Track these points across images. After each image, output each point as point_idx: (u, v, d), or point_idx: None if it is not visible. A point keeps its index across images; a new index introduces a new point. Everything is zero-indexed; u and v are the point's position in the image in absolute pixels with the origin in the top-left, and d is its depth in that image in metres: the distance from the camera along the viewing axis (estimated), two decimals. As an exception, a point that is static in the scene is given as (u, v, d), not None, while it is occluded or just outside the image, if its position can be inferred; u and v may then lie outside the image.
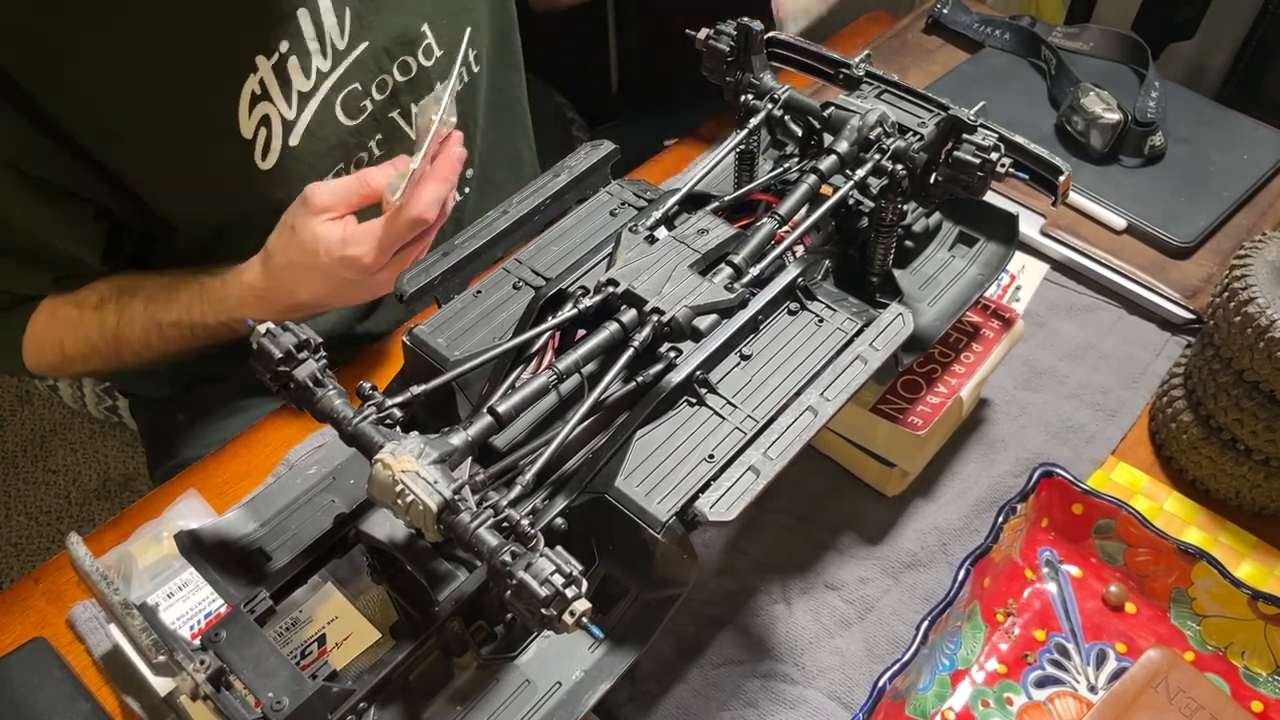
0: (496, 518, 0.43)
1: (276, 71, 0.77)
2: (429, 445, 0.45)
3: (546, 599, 0.40)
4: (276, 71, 0.77)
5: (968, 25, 1.16)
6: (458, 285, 0.62)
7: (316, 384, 0.47)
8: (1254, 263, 0.70)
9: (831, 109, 0.62)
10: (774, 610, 0.69)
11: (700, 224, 0.58)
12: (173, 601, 0.68)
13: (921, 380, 0.71)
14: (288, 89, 0.78)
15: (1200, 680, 0.63)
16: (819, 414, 0.53)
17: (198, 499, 0.75)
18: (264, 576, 0.52)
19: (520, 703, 0.51)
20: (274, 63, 0.76)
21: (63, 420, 1.86)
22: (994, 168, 0.57)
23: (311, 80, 0.79)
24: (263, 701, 0.45)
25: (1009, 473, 0.77)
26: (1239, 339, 0.69)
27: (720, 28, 0.66)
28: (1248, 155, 1.00)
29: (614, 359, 0.51)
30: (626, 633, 0.53)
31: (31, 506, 1.75)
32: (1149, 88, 1.01)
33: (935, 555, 0.72)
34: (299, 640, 0.63)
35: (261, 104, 0.77)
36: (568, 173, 0.66)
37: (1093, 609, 0.69)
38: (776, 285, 0.57)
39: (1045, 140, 1.00)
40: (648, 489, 0.50)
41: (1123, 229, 0.93)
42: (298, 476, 0.57)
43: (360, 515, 0.53)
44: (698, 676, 0.66)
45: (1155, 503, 0.76)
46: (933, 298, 0.66)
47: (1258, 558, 0.72)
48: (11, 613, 0.70)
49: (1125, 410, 0.82)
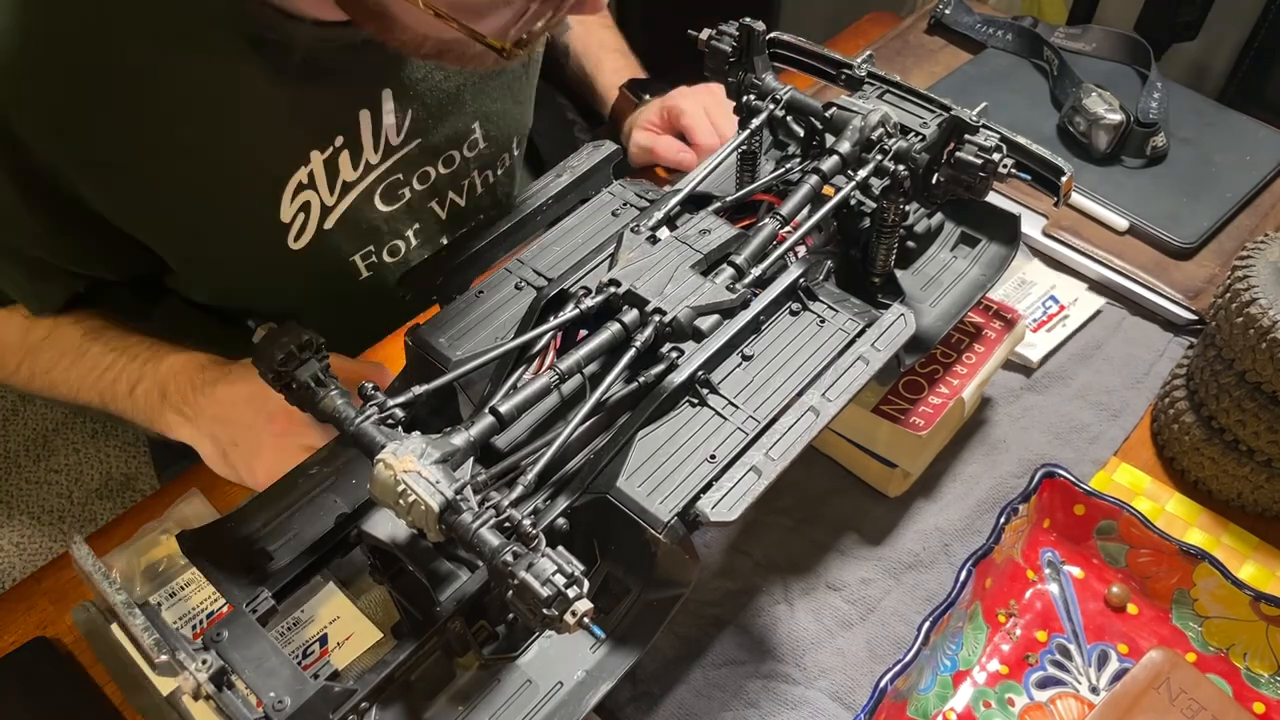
0: (498, 518, 0.43)
1: (327, 165, 0.77)
2: (431, 445, 0.45)
3: (548, 599, 0.40)
4: (327, 165, 0.77)
5: (970, 26, 1.16)
6: (460, 285, 0.62)
7: (318, 384, 0.47)
8: (1256, 264, 0.70)
9: (833, 109, 0.62)
10: (776, 611, 0.69)
11: (702, 224, 0.58)
12: (175, 601, 0.69)
13: (923, 381, 0.71)
14: (334, 179, 0.78)
15: (1202, 681, 0.63)
16: (821, 414, 0.53)
17: (200, 499, 0.75)
18: (266, 576, 0.52)
19: (522, 703, 0.51)
20: (326, 157, 0.76)
21: (65, 420, 1.87)
22: (996, 168, 0.57)
23: (359, 172, 0.79)
24: (264, 701, 0.45)
25: (1011, 473, 0.77)
26: (1241, 340, 0.69)
27: (722, 28, 0.66)
28: (1250, 156, 1.00)
29: (616, 359, 0.51)
30: (628, 633, 0.53)
31: (34, 506, 1.75)
32: (1151, 88, 1.01)
33: (937, 556, 0.72)
34: (301, 640, 0.63)
35: (306, 192, 0.77)
36: (570, 173, 0.66)
37: (1094, 610, 0.69)
38: (778, 286, 0.58)
39: (1047, 141, 1.00)
40: (649, 489, 0.50)
41: (1125, 230, 0.93)
42: (299, 476, 0.57)
43: (362, 515, 0.53)
44: (699, 677, 0.66)
45: (1157, 504, 0.76)
46: (935, 298, 0.66)
47: (1260, 559, 0.72)
48: (14, 612, 0.70)
49: (1128, 411, 0.82)
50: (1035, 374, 0.84)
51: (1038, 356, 0.84)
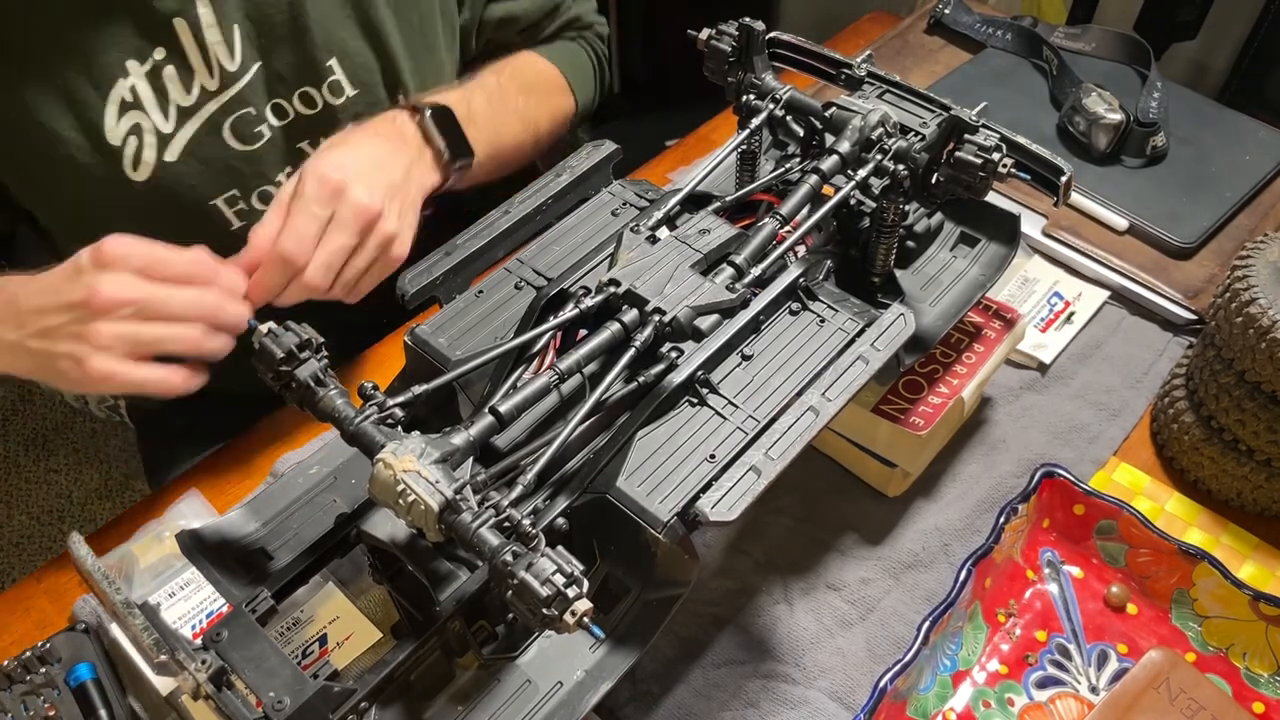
0: (498, 518, 0.43)
1: (150, 79, 0.75)
2: (430, 445, 0.45)
3: (548, 599, 0.40)
4: (150, 79, 0.75)
5: (969, 26, 1.16)
6: (459, 285, 0.62)
7: (318, 384, 0.47)
8: (1255, 263, 0.70)
9: (833, 109, 0.62)
10: (775, 610, 0.69)
11: (702, 224, 0.58)
12: (174, 601, 0.69)
13: (923, 380, 0.71)
14: (164, 101, 0.76)
15: (1202, 681, 0.63)
16: (820, 414, 0.53)
17: (199, 499, 0.75)
18: (265, 576, 0.52)
19: (521, 702, 0.51)
20: (148, 69, 0.75)
21: (64, 420, 1.87)
22: (996, 168, 0.57)
23: (194, 96, 0.77)
24: (264, 701, 0.45)
25: (1011, 473, 0.77)
26: (1240, 340, 0.69)
27: (722, 28, 0.66)
28: (1249, 156, 1.00)
29: (615, 359, 0.51)
30: (628, 633, 0.53)
31: (33, 506, 1.75)
32: (1151, 88, 1.01)
33: (936, 556, 0.72)
34: (300, 640, 0.63)
35: (133, 113, 0.75)
36: (569, 173, 0.66)
37: (1094, 610, 0.69)
38: (778, 285, 0.58)
39: (1047, 141, 1.00)
40: (649, 489, 0.50)
41: (1124, 229, 0.93)
42: (299, 476, 0.57)
43: (362, 515, 0.53)
44: (699, 677, 0.66)
45: (1157, 504, 0.76)
46: (934, 298, 0.66)
47: (1259, 559, 0.72)
48: (14, 612, 0.70)
49: (1128, 411, 0.82)
50: (1034, 373, 0.84)
51: (1049, 357, 0.84)
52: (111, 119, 0.75)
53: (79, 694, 0.62)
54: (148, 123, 0.76)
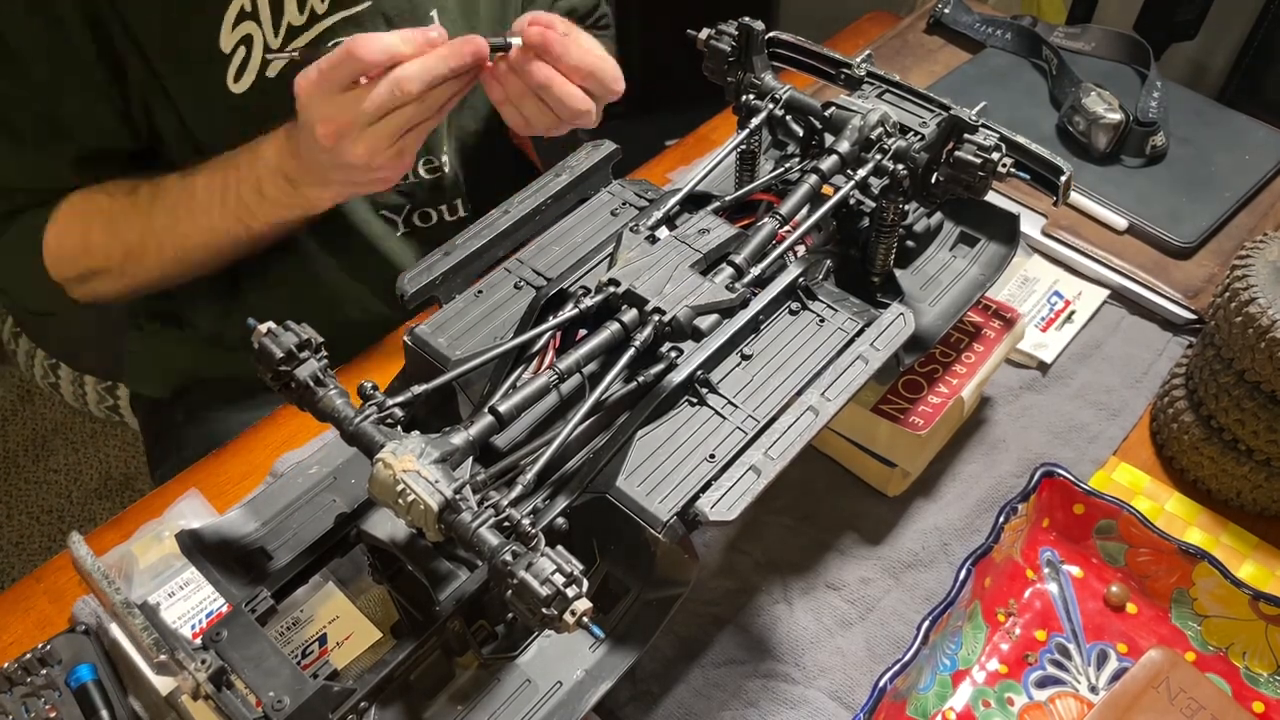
0: (497, 517, 0.43)
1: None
2: (430, 445, 0.45)
3: (547, 598, 0.40)
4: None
5: (969, 25, 1.16)
6: (459, 285, 0.62)
7: (317, 383, 0.47)
8: (1255, 263, 0.70)
9: (833, 109, 0.62)
10: (775, 610, 0.69)
11: (701, 224, 0.58)
12: (174, 601, 0.69)
13: (923, 380, 0.71)
14: (279, 17, 0.77)
15: (1201, 681, 0.63)
16: (820, 414, 0.53)
17: (199, 498, 0.75)
18: (265, 576, 0.52)
19: (521, 702, 0.51)
20: None
21: (64, 419, 1.87)
22: (995, 168, 0.57)
23: (304, 16, 0.78)
24: (264, 701, 0.45)
25: (1010, 473, 0.77)
26: (1240, 339, 0.69)
27: (722, 28, 0.66)
28: (1249, 156, 1.00)
29: (615, 359, 0.51)
30: (627, 632, 0.53)
31: (33, 506, 1.75)
32: (1150, 88, 1.01)
33: (936, 555, 0.72)
34: (300, 640, 0.63)
35: (247, 22, 0.76)
36: (569, 172, 0.66)
37: (1094, 609, 0.69)
38: (778, 285, 0.58)
39: (1046, 140, 1.00)
40: (649, 489, 0.50)
41: (1124, 229, 0.93)
42: (299, 476, 0.57)
43: (361, 515, 0.53)
44: (699, 676, 0.66)
45: (1156, 503, 0.76)
46: (934, 298, 0.66)
47: (1259, 558, 0.72)
48: (13, 612, 0.70)
49: (1127, 410, 0.82)
50: (1034, 372, 0.84)
51: (1051, 356, 0.84)
52: (228, 24, 0.75)
53: (80, 695, 0.62)
54: (258, 35, 0.77)
